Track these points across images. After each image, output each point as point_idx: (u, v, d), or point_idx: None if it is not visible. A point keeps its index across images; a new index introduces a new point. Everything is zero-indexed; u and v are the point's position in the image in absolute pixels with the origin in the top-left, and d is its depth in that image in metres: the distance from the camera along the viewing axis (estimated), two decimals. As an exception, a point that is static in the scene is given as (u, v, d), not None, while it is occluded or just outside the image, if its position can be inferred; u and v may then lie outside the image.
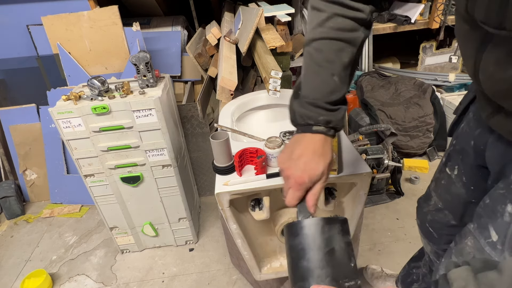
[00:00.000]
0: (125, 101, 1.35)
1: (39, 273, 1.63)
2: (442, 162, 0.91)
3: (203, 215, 2.01)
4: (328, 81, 0.65)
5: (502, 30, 0.47)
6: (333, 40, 0.64)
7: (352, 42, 0.65)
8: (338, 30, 0.64)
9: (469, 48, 0.59)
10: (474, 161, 0.77)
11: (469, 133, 0.78)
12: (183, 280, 1.63)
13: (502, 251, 0.60)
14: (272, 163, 1.05)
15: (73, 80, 1.89)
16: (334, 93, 0.66)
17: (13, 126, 2.11)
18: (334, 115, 0.66)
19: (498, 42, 0.51)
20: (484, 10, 0.49)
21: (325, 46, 0.65)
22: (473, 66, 0.58)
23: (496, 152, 0.68)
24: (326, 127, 0.65)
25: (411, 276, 1.20)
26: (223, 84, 1.43)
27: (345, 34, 0.64)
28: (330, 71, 0.65)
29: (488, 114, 0.65)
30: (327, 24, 0.64)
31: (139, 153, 1.47)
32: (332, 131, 0.66)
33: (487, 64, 0.55)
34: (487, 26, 0.50)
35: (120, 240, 1.75)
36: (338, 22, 0.64)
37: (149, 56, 1.40)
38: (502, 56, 0.51)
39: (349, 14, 0.63)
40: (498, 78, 0.54)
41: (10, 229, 2.07)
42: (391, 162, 1.85)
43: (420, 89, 2.27)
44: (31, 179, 2.22)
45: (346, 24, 0.64)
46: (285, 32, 1.83)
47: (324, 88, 0.66)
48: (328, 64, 0.65)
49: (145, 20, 2.24)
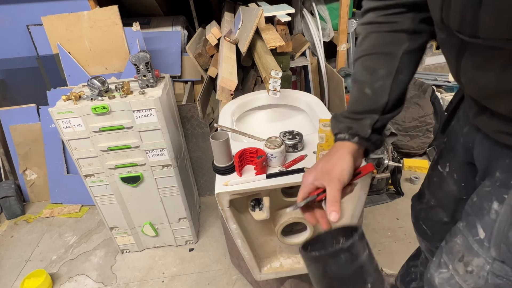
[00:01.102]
0: (125, 101, 1.35)
1: (39, 273, 1.63)
2: (434, 160, 0.92)
3: (203, 215, 2.01)
4: (356, 95, 0.70)
5: (476, 38, 0.48)
6: (366, 56, 0.69)
7: (391, 53, 0.67)
8: (373, 46, 0.68)
9: (449, 55, 0.60)
10: (464, 158, 0.78)
11: (459, 130, 0.79)
12: (183, 280, 1.63)
13: (489, 248, 0.60)
14: (272, 163, 1.05)
15: (73, 80, 1.89)
16: (360, 104, 0.69)
17: (13, 126, 2.11)
18: (355, 122, 0.68)
19: (474, 50, 0.52)
20: (458, 20, 0.50)
21: (360, 63, 0.70)
22: (455, 71, 0.60)
23: (482, 150, 0.68)
24: (349, 134, 0.68)
25: (410, 275, 1.21)
26: (223, 84, 1.43)
27: (380, 48, 0.68)
28: (361, 86, 0.69)
29: (474, 113, 0.66)
30: (363, 44, 0.70)
31: (139, 153, 1.47)
32: (356, 138, 0.67)
33: (466, 70, 0.56)
34: (462, 35, 0.51)
35: (120, 240, 1.75)
36: (371, 38, 0.69)
37: (149, 56, 1.40)
38: (479, 63, 0.52)
39: (382, 29, 0.67)
40: (478, 82, 0.55)
41: (10, 229, 2.07)
42: (391, 162, 1.85)
43: (420, 89, 2.27)
44: (31, 179, 2.22)
45: (382, 38, 0.67)
46: (285, 32, 1.83)
47: (352, 101, 0.71)
48: (362, 78, 0.69)
49: (145, 20, 2.24)
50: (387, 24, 0.66)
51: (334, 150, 0.67)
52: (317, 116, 1.25)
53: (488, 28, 0.46)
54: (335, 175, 0.62)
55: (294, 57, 2.21)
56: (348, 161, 0.65)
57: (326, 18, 2.23)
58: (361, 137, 0.67)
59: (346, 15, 2.09)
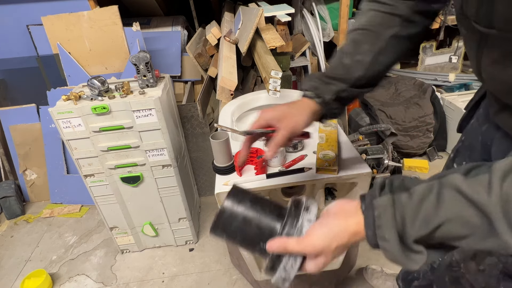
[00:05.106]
0: (125, 101, 1.35)
1: (39, 273, 1.63)
2: (450, 158, 0.91)
3: (203, 215, 2.01)
4: (335, 61, 0.72)
5: (491, 29, 0.48)
6: (358, 30, 0.71)
7: (379, 32, 0.68)
8: (367, 23, 0.70)
9: (470, 50, 0.60)
10: (481, 156, 0.78)
11: (478, 128, 0.79)
12: (183, 280, 1.63)
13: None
14: (272, 163, 1.05)
15: (73, 80, 1.89)
16: (334, 70, 0.71)
17: (13, 126, 2.11)
18: (324, 84, 0.70)
19: (493, 44, 0.53)
20: (475, 9, 0.50)
21: (350, 36, 0.72)
22: (476, 67, 0.60)
23: (501, 148, 0.68)
24: (314, 93, 0.70)
25: (412, 274, 1.20)
26: (223, 84, 1.43)
27: (372, 25, 0.69)
28: (343, 55, 0.71)
29: (495, 111, 0.66)
30: (361, 19, 0.72)
31: (139, 153, 1.47)
32: (319, 99, 0.70)
33: (486, 65, 0.56)
34: (478, 25, 0.51)
35: (120, 240, 1.75)
36: (369, 15, 0.70)
37: (149, 56, 1.40)
38: (498, 57, 0.53)
39: (381, 9, 0.69)
40: (498, 78, 0.55)
41: (10, 229, 2.07)
42: (391, 162, 1.85)
43: (420, 89, 2.27)
44: (31, 179, 2.22)
45: (377, 17, 0.69)
46: (285, 32, 1.83)
47: (330, 66, 0.73)
48: (346, 48, 0.72)
49: (145, 20, 2.24)
50: (386, 6, 0.68)
51: (299, 103, 0.70)
52: (317, 116, 1.25)
53: (503, 18, 0.46)
54: (290, 123, 0.65)
55: (294, 57, 2.21)
56: (306, 116, 0.68)
57: (326, 18, 2.23)
58: (323, 99, 0.70)
59: (346, 15, 2.09)
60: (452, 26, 2.38)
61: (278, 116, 0.67)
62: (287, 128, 0.65)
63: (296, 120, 0.66)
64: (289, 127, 0.65)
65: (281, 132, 0.65)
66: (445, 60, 2.62)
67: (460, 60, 2.60)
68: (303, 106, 0.69)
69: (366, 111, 2.31)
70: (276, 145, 0.64)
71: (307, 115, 0.67)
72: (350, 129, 2.36)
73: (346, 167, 1.00)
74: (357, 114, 2.29)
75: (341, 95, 0.70)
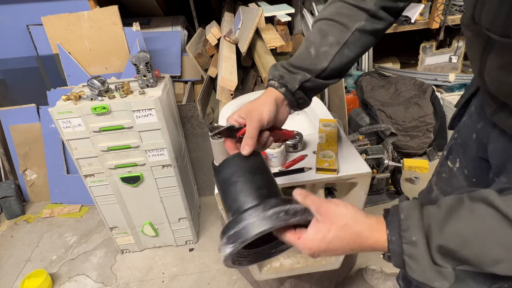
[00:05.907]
0: (125, 101, 1.35)
1: (39, 273, 1.63)
2: (443, 156, 0.92)
3: (203, 215, 2.01)
4: (301, 51, 0.73)
5: (506, 38, 0.49)
6: (325, 20, 0.71)
7: (346, 25, 0.69)
8: (334, 13, 0.70)
9: (473, 52, 0.61)
10: (476, 154, 0.78)
11: (471, 126, 0.79)
12: (183, 280, 1.63)
13: None
14: (272, 163, 1.05)
15: (73, 80, 1.89)
16: (300, 60, 0.71)
17: (13, 126, 2.11)
18: (289, 74, 0.70)
19: (501, 49, 0.53)
20: (491, 18, 0.51)
21: (317, 25, 0.73)
22: (478, 69, 0.60)
23: (498, 145, 0.69)
24: (279, 83, 0.70)
25: None
26: (223, 84, 1.43)
27: (339, 17, 0.69)
28: (309, 44, 0.71)
29: (493, 110, 0.66)
30: (328, 9, 0.72)
31: (139, 153, 1.47)
32: (283, 89, 0.70)
33: (491, 69, 0.57)
34: (492, 33, 0.51)
35: (120, 240, 1.75)
36: (336, 6, 0.71)
37: (149, 56, 1.40)
38: (505, 62, 0.53)
39: (349, 1, 0.69)
40: (502, 81, 0.56)
41: (10, 229, 2.07)
42: (391, 162, 1.85)
43: (420, 89, 2.27)
44: (31, 179, 2.22)
45: (344, 8, 0.70)
46: (285, 32, 1.84)
47: (295, 56, 0.73)
48: (312, 38, 0.72)
49: (145, 20, 2.24)
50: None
51: (263, 94, 0.71)
52: (317, 116, 1.25)
53: None
54: (255, 114, 0.66)
55: (294, 57, 2.21)
56: (270, 105, 0.68)
57: (326, 18, 2.23)
58: (288, 89, 0.70)
59: (346, 15, 2.09)
60: (452, 26, 2.38)
61: (243, 113, 0.67)
62: (253, 120, 0.65)
63: (261, 110, 0.67)
64: (255, 119, 0.65)
65: (249, 126, 0.65)
66: (445, 60, 2.62)
67: (460, 60, 2.60)
68: (268, 97, 0.70)
69: (366, 111, 2.31)
70: (249, 138, 0.65)
71: (271, 105, 0.68)
72: (350, 129, 2.36)
73: (346, 167, 1.00)
74: (357, 114, 2.29)
75: (305, 85, 0.71)
